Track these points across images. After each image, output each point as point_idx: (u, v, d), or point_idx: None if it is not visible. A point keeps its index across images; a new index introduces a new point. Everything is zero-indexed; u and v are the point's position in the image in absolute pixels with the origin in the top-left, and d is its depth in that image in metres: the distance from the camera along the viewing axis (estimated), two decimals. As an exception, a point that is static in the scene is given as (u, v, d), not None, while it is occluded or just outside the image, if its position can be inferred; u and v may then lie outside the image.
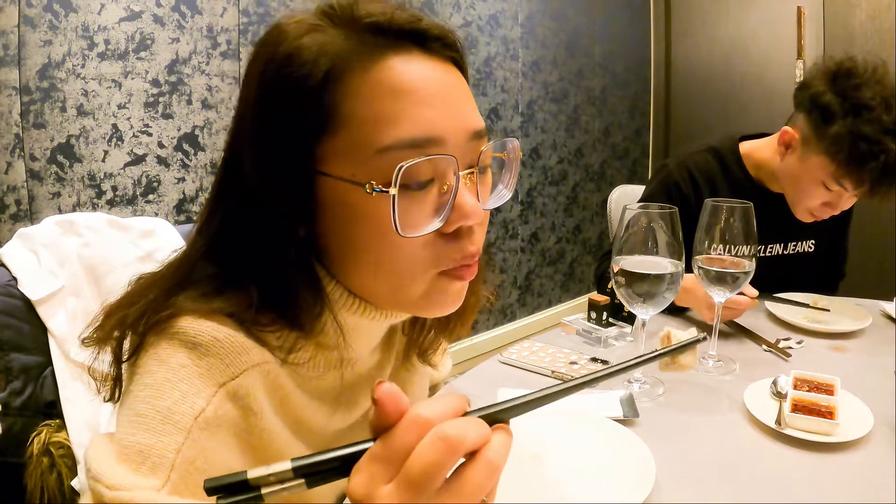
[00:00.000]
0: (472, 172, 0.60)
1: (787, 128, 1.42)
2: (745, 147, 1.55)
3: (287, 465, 0.38)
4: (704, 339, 1.05)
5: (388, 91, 0.56)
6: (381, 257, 0.59)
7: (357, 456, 0.39)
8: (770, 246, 1.54)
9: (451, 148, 0.58)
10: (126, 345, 0.60)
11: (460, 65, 0.64)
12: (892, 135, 1.23)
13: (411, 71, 0.57)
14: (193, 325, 0.56)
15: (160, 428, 0.52)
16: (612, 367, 0.47)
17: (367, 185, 0.55)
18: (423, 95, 0.57)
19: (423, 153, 0.56)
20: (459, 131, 0.59)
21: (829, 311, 1.36)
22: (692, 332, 0.98)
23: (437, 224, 0.58)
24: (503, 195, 0.68)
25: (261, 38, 0.61)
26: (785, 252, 1.57)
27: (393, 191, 0.54)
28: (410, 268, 0.60)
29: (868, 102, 1.25)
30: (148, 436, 0.51)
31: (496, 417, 0.42)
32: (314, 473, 0.38)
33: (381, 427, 0.39)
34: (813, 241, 1.57)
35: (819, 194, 1.37)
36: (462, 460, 0.39)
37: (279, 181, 0.58)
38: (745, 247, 1.05)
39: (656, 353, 0.51)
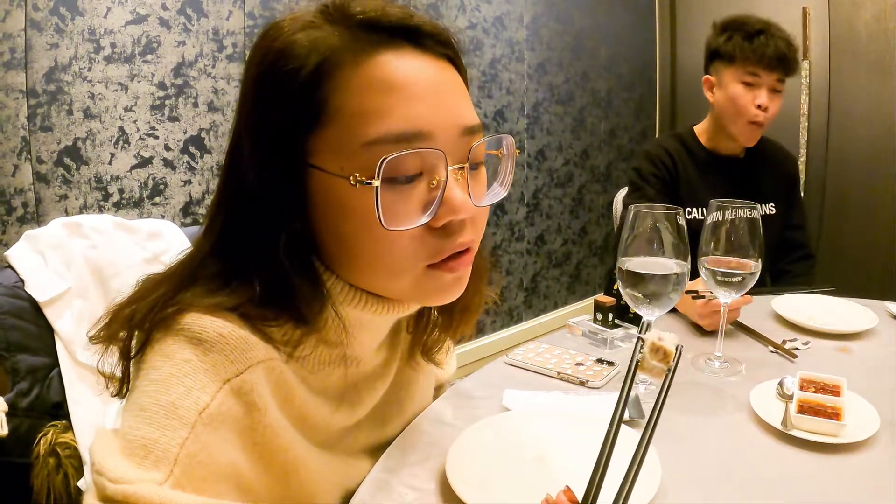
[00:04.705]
0: (463, 168, 0.61)
1: (705, 76, 1.83)
2: (697, 127, 1.92)
3: None
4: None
5: (378, 86, 0.57)
6: (369, 250, 0.60)
7: None
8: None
9: (441, 143, 0.59)
10: (133, 342, 0.60)
11: (456, 62, 0.65)
12: (754, 18, 1.67)
13: (402, 66, 0.58)
14: (199, 322, 0.57)
15: (164, 422, 0.52)
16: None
17: (350, 178, 0.56)
18: (412, 91, 0.58)
19: (410, 147, 0.57)
20: (450, 127, 0.60)
21: (833, 289, 1.44)
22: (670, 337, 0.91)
23: (424, 219, 0.59)
24: (498, 193, 0.69)
25: (258, 34, 0.62)
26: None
27: (375, 182, 0.55)
28: (399, 261, 0.60)
29: (726, 18, 1.71)
30: (152, 430, 0.51)
31: None
32: None
33: None
34: (773, 204, 1.80)
35: (746, 97, 1.67)
36: None
37: (273, 174, 0.59)
38: (750, 247, 1.05)
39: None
